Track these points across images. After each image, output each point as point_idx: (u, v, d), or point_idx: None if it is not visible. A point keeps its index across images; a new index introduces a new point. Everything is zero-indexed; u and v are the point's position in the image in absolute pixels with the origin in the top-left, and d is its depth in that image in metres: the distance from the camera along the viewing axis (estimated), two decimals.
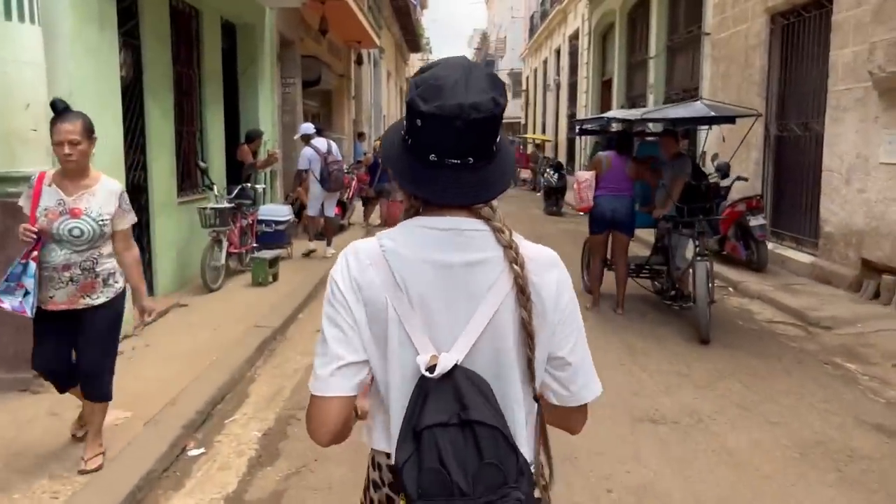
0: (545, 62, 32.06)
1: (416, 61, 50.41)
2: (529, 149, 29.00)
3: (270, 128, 10.42)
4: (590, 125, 8.34)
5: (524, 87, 41.18)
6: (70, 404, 4.03)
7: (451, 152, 1.24)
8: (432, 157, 1.24)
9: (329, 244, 10.09)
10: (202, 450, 3.98)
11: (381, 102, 27.14)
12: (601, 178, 6.68)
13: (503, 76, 50.22)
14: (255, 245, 8.62)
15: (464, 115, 1.19)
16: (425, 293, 1.24)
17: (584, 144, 21.78)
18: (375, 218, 13.68)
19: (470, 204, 1.29)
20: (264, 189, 9.71)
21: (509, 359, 1.26)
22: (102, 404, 3.59)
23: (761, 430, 4.14)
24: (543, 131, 31.77)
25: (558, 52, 28.61)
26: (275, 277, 8.00)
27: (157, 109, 6.69)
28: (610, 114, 8.08)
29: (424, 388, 1.19)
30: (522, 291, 1.24)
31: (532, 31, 35.96)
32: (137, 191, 6.51)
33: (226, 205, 7.52)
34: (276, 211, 9.27)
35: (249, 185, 8.56)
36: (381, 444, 1.32)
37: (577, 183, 6.80)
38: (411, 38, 35.90)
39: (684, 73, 13.80)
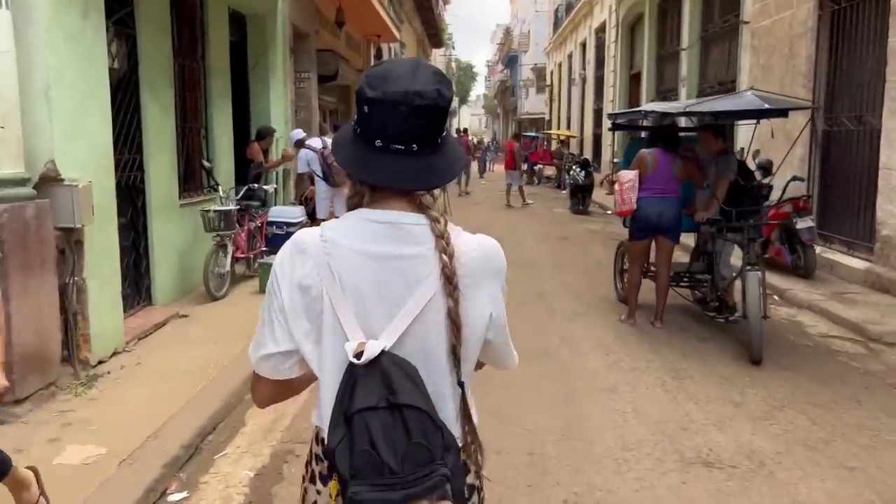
0: (570, 56, 31.31)
1: (438, 57, 49.90)
2: (553, 145, 28.33)
3: (283, 125, 9.92)
4: (624, 119, 7.70)
5: (548, 82, 40.42)
6: None
7: (395, 138, 1.28)
8: (378, 142, 1.29)
9: None
10: (185, 493, 3.46)
11: None
12: (645, 178, 6.05)
13: (527, 71, 49.59)
14: (264, 249, 8.11)
15: (407, 100, 1.25)
16: (359, 283, 1.29)
17: (613, 140, 21.09)
18: None
19: (412, 189, 1.34)
20: (276, 189, 9.21)
21: (438, 346, 1.31)
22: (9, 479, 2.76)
23: (837, 478, 3.52)
24: (568, 127, 31.05)
25: (584, 45, 27.87)
26: None
27: (156, 104, 6.20)
28: (648, 106, 7.41)
29: (353, 374, 1.23)
30: (449, 281, 1.28)
31: (556, 24, 35.20)
32: (133, 192, 6.03)
33: (231, 207, 7.02)
34: (287, 212, 8.76)
35: (258, 185, 8.04)
36: (320, 422, 1.38)
37: (618, 183, 6.16)
38: (433, 34, 35.29)
39: (720, 64, 13.07)
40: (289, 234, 8.60)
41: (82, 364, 4.75)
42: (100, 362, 4.91)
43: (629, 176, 6.07)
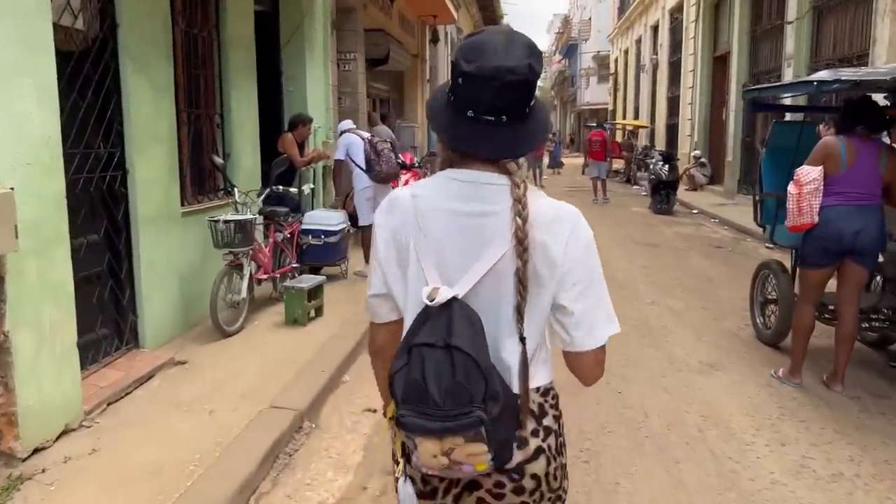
0: (638, 41, 29.07)
1: None
2: (619, 136, 26.22)
3: (324, 113, 8.35)
4: (776, 95, 5.75)
5: (612, 70, 38.13)
6: None
7: (486, 109, 1.38)
8: (470, 112, 1.39)
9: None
10: None
11: None
12: (835, 177, 4.20)
13: (587, 60, 47.30)
14: (295, 266, 6.54)
15: (500, 76, 1.34)
16: (441, 236, 1.41)
17: (693, 129, 18.97)
18: None
19: (498, 158, 1.42)
20: (312, 190, 7.64)
21: (506, 302, 1.41)
22: None
23: None
24: (636, 117, 28.85)
25: (655, 28, 25.64)
26: (318, 312, 5.91)
27: (145, 83, 4.66)
28: (820, 75, 5.14)
29: (426, 314, 1.36)
30: (520, 243, 1.36)
31: (623, 8, 32.94)
32: (111, 199, 4.51)
33: (248, 215, 5.45)
34: (325, 218, 7.19)
35: (283, 187, 6.44)
36: None
37: (795, 185, 4.31)
38: (491, 19, 33.49)
39: (842, 37, 10.96)
40: (328, 245, 7.03)
41: (3, 458, 3.23)
42: (36, 451, 3.38)
43: (812, 175, 4.22)
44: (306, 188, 7.42)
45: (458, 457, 1.31)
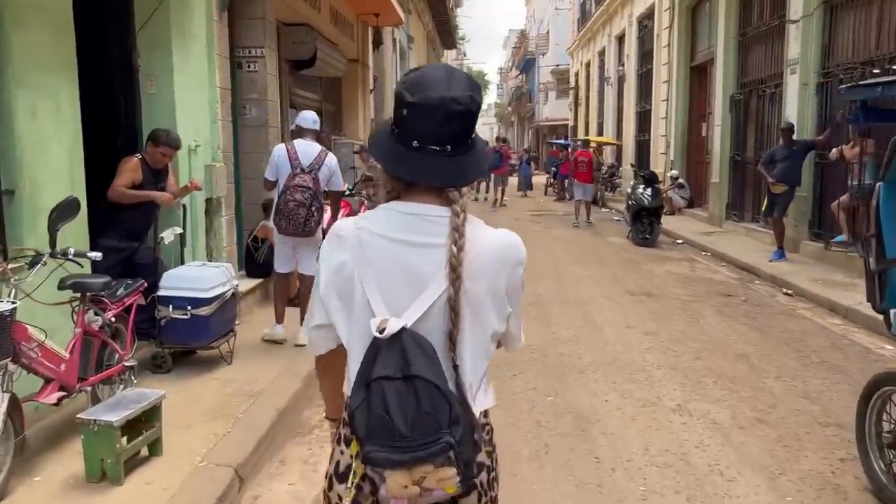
0: (602, 53, 27.36)
1: (450, 62, 46.18)
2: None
3: (207, 125, 6.02)
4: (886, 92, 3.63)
5: (572, 84, 36.49)
6: None
7: (432, 139, 1.43)
8: (415, 143, 1.44)
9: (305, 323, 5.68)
10: None
11: None
12: None
13: (545, 75, 45.68)
14: (130, 364, 4.17)
15: (444, 105, 1.41)
16: (386, 267, 1.44)
17: (668, 147, 17.08)
18: None
19: (444, 186, 1.47)
20: (182, 236, 5.31)
21: (447, 343, 1.44)
22: None
23: None
24: (600, 133, 27.08)
25: (621, 38, 23.93)
26: (153, 449, 3.58)
27: None
28: None
29: (376, 347, 1.37)
30: (453, 270, 1.40)
31: (584, 19, 31.29)
32: None
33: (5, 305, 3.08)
34: (196, 280, 4.87)
35: (117, 241, 4.08)
36: (349, 390, 1.47)
37: None
38: (446, 31, 31.54)
39: (865, 36, 9.08)
40: (198, 320, 4.31)
41: None
42: None
43: None
44: (168, 234, 5.08)
45: (429, 484, 1.34)
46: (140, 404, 3.44)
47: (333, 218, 6.03)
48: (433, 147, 1.43)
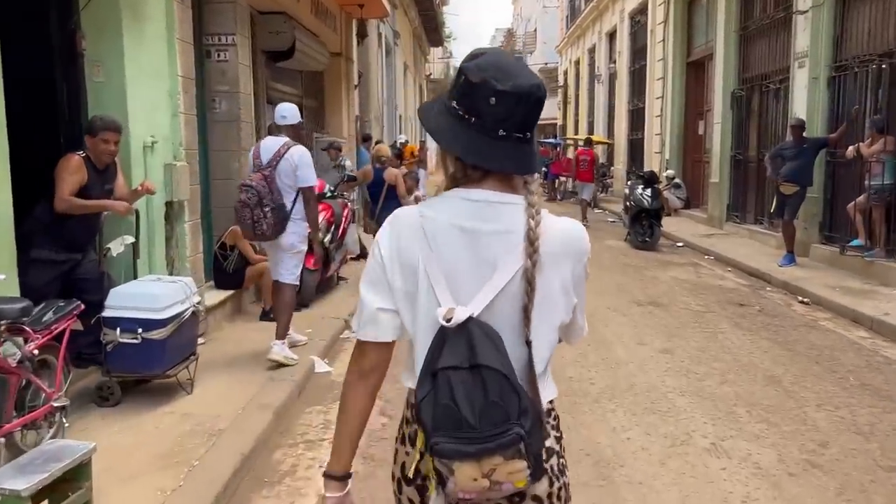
0: (592, 50, 26.78)
1: (437, 60, 45.45)
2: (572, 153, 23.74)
3: (168, 121, 5.31)
4: None
5: (560, 82, 35.92)
6: None
7: (518, 127, 1.39)
8: (501, 132, 1.38)
9: (280, 337, 5.09)
10: None
11: (398, 100, 22.05)
12: None
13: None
14: (60, 404, 3.47)
15: (535, 92, 1.38)
16: (452, 255, 1.40)
17: (663, 146, 16.51)
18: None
19: (528, 173, 1.45)
20: (134, 246, 4.61)
21: (517, 314, 1.39)
22: None
23: None
24: (590, 132, 26.50)
25: (612, 35, 23.37)
26: None
27: None
28: None
29: (442, 336, 1.33)
30: (531, 244, 1.37)
31: (573, 16, 30.72)
32: None
33: None
34: (149, 297, 4.17)
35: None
36: (410, 384, 1.44)
37: None
38: (432, 28, 30.88)
39: (881, 25, 8.51)
40: (150, 345, 3.66)
41: None
42: None
43: None
44: (117, 244, 4.38)
45: (498, 477, 1.28)
46: (61, 463, 2.74)
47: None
48: (518, 135, 1.40)
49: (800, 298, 7.75)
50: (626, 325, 6.38)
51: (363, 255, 9.61)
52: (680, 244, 12.03)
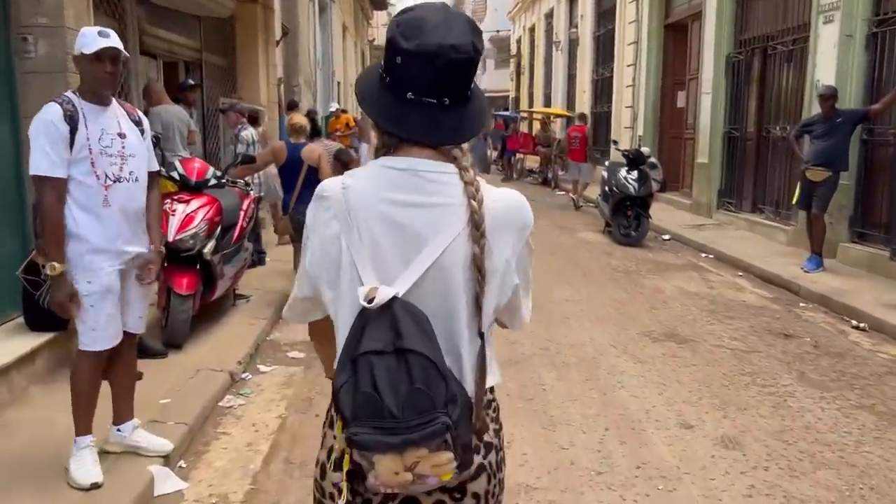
0: (549, 15, 24.64)
1: (381, 25, 42.54)
2: (535, 128, 21.70)
3: None
4: None
5: (513, 51, 33.74)
6: None
7: (428, 91, 1.28)
8: (410, 95, 1.29)
9: (79, 432, 2.89)
10: None
11: (335, 65, 19.51)
12: None
13: (484, 42, 42.59)
14: None
15: (443, 54, 1.25)
16: (375, 230, 1.29)
17: (635, 117, 14.53)
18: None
19: (441, 144, 1.33)
20: None
21: (456, 297, 1.29)
22: None
23: None
24: (547, 104, 24.48)
25: None
26: None
27: None
28: None
29: (364, 318, 1.22)
30: (477, 227, 1.27)
31: None
32: None
33: None
34: None
35: None
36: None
37: None
38: None
39: None
40: None
41: None
42: None
43: None
44: None
45: (422, 470, 1.19)
46: None
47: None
48: (429, 100, 1.29)
49: (852, 322, 5.86)
50: (650, 386, 4.31)
51: (261, 261, 7.35)
52: (666, 237, 10.10)
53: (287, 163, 5.97)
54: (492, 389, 1.41)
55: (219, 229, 5.06)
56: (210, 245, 4.91)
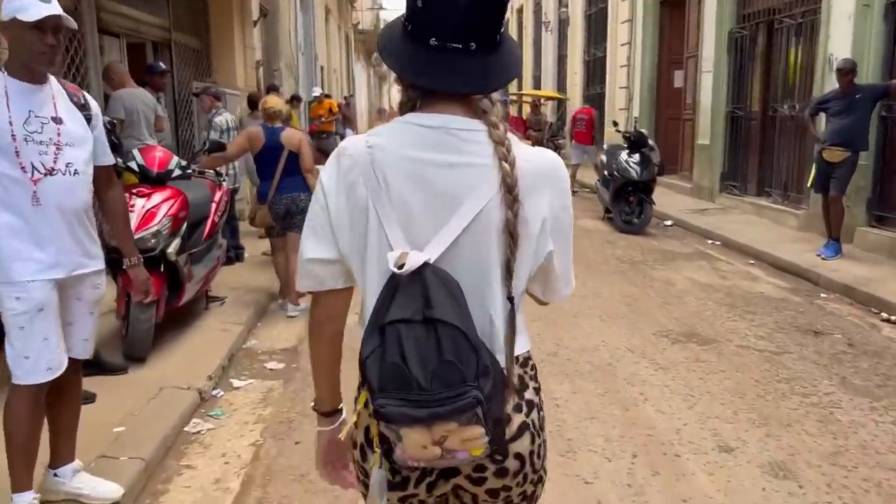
0: None
1: (365, 11, 41.65)
2: (525, 111, 21.12)
3: None
4: None
5: None
6: None
7: (453, 35, 1.19)
8: (433, 41, 1.20)
9: (17, 488, 2.31)
10: None
11: (317, 48, 18.80)
12: None
13: None
14: None
15: None
16: (405, 192, 1.22)
17: (630, 98, 14.00)
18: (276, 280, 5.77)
19: (470, 93, 1.25)
20: None
21: (490, 262, 1.23)
22: None
23: None
24: (537, 87, 23.88)
25: None
26: None
27: None
28: None
29: (393, 285, 1.17)
30: (510, 191, 1.20)
31: None
32: None
33: None
34: None
35: None
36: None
37: None
38: None
39: None
40: None
41: None
42: None
43: None
44: None
45: (452, 444, 1.14)
46: None
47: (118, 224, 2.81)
48: (454, 45, 1.19)
49: (882, 315, 5.39)
50: (676, 398, 3.79)
51: (238, 257, 6.79)
52: (669, 223, 9.62)
53: (264, 149, 5.40)
54: (528, 353, 1.35)
55: (185, 226, 4.49)
56: (175, 244, 4.34)
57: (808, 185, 7.31)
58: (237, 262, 6.77)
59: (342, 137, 16.68)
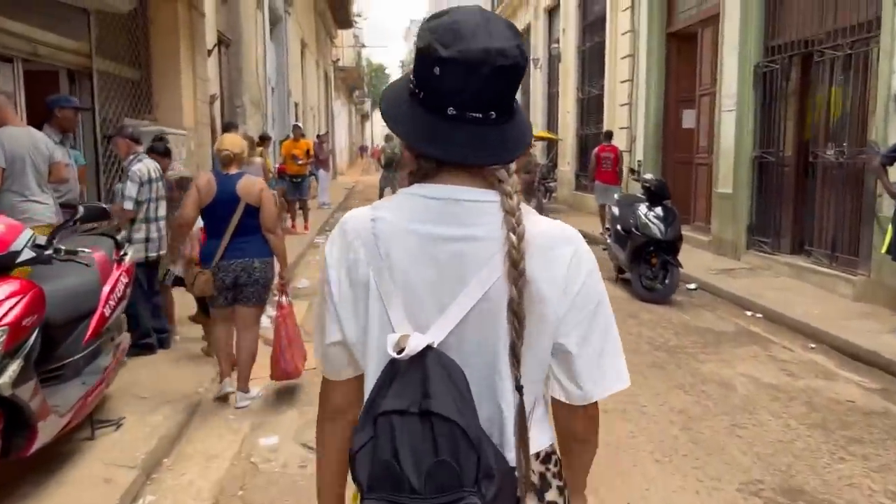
0: (526, 31, 22.85)
1: (346, 50, 40.63)
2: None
3: None
4: None
5: None
6: None
7: (473, 104, 1.11)
8: (451, 110, 1.11)
9: None
10: None
11: (290, 83, 17.41)
12: None
13: None
14: None
15: (490, 60, 1.08)
16: (409, 269, 1.13)
17: (632, 144, 12.69)
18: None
19: (491, 164, 1.16)
20: None
21: (499, 346, 1.13)
22: None
23: None
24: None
25: (552, 11, 19.60)
26: None
27: None
28: None
29: (393, 371, 1.08)
30: (515, 265, 1.10)
31: None
32: None
33: None
34: None
35: None
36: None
37: None
38: (340, 6, 26.32)
39: None
40: None
41: None
42: None
43: None
44: None
45: None
46: None
47: None
48: (474, 114, 1.11)
49: None
50: None
51: (162, 343, 5.25)
52: (693, 286, 8.14)
53: (214, 201, 4.14)
54: (551, 444, 1.22)
55: (34, 337, 2.93)
56: (12, 369, 2.78)
57: (883, 250, 5.89)
58: (160, 349, 5.20)
59: (317, 179, 15.24)
